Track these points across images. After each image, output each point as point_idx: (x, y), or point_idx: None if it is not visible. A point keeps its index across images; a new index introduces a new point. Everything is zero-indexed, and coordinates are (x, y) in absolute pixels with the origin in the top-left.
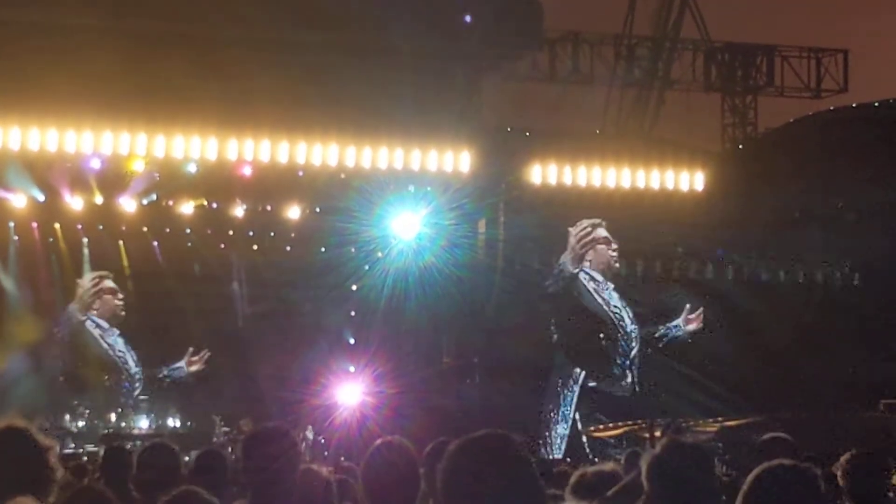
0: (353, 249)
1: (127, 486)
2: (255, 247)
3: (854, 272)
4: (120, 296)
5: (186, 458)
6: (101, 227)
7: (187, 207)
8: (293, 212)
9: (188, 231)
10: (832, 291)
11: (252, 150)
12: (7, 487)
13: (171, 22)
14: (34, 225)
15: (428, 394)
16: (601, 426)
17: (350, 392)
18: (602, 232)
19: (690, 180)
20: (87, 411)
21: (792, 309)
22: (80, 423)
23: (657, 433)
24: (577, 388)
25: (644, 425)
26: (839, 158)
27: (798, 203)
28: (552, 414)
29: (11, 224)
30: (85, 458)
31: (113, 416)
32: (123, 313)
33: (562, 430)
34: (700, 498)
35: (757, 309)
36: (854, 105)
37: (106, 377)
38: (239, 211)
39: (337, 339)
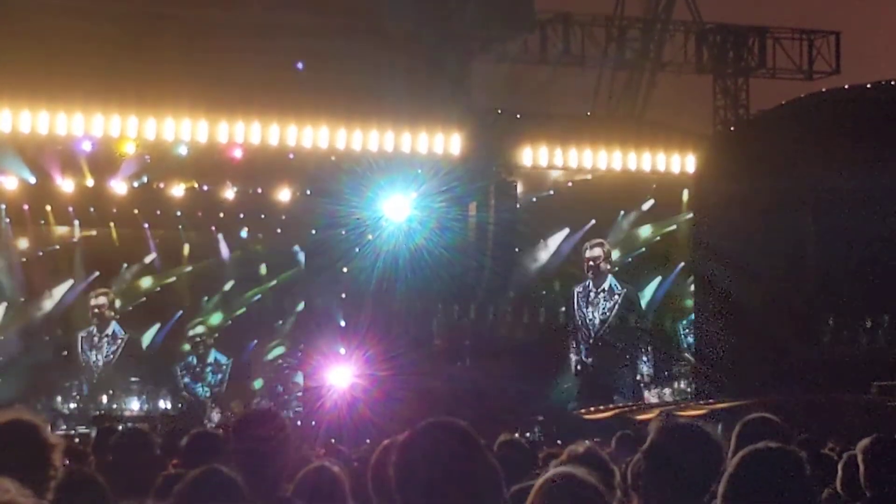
0: (343, 232)
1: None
2: (245, 229)
3: (847, 254)
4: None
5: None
6: (92, 209)
7: (178, 190)
8: (284, 194)
9: (179, 213)
10: (824, 274)
11: (243, 133)
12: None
13: (163, 5)
14: (25, 207)
15: (418, 376)
16: (592, 408)
17: (340, 374)
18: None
19: (681, 162)
20: (78, 393)
21: (783, 292)
22: (72, 405)
23: (649, 416)
24: None
25: (635, 408)
26: (831, 140)
27: (790, 185)
28: None
29: (3, 206)
30: (77, 440)
31: (104, 398)
32: None
33: None
34: (698, 478)
35: (748, 293)
36: (846, 87)
37: None
38: (229, 193)
39: (327, 321)
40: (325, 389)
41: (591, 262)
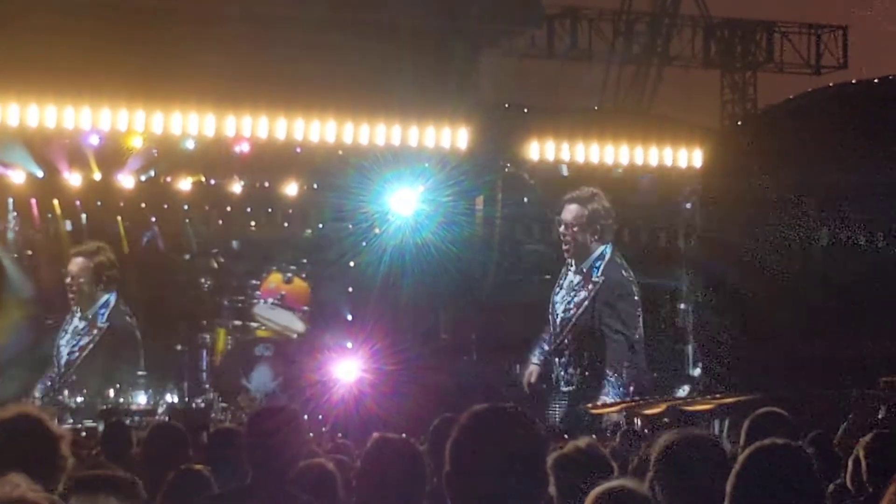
0: (350, 226)
1: (128, 460)
2: (252, 223)
3: (855, 249)
4: None
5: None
6: (99, 203)
7: (185, 184)
8: (291, 188)
9: (186, 207)
10: (831, 269)
11: (250, 127)
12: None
13: None
14: (32, 201)
15: (425, 370)
16: (598, 402)
17: (347, 368)
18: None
19: (689, 157)
20: (85, 387)
21: (791, 287)
22: (79, 399)
23: (656, 410)
24: None
25: (643, 402)
26: (839, 135)
27: (797, 179)
28: None
29: (10, 200)
30: (84, 434)
31: (111, 392)
32: None
33: None
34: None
35: (755, 288)
36: (854, 81)
37: None
38: (237, 187)
39: (334, 315)
40: (332, 383)
41: (563, 230)
